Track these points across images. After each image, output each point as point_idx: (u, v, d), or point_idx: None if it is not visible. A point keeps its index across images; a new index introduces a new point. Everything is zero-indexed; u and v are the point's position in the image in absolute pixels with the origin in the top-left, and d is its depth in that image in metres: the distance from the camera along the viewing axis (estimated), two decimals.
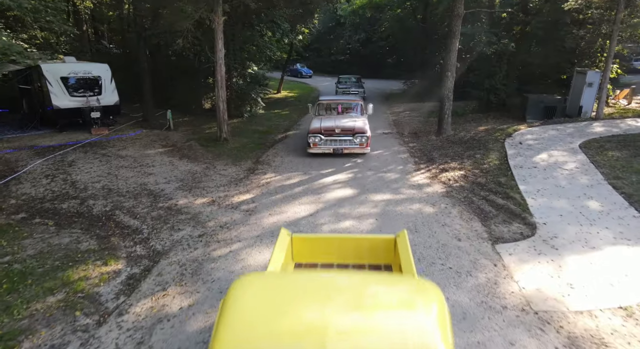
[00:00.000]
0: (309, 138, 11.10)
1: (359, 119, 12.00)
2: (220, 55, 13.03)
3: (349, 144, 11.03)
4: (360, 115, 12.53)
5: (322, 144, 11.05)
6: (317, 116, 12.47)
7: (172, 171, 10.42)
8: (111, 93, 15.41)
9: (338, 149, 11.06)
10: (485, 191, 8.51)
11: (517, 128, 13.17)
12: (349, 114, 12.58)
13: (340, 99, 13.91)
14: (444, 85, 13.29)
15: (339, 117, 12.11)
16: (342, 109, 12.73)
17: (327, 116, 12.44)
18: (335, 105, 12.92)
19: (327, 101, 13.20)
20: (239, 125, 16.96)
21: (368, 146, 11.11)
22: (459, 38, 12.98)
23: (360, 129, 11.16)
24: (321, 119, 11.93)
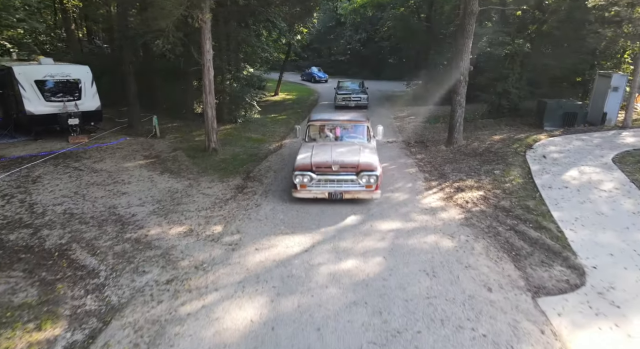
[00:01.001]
0: (294, 177, 7.76)
1: (364, 148, 8.53)
2: (208, 57, 11.69)
3: (351, 186, 7.80)
4: (367, 142, 9.06)
5: (314, 185, 7.81)
6: (306, 142, 9.13)
7: (150, 189, 9.08)
8: (92, 98, 14.08)
9: (336, 193, 7.79)
10: (511, 218, 7.18)
11: (537, 138, 11.82)
12: (351, 139, 9.19)
13: (338, 119, 9.68)
14: (456, 91, 11.96)
15: (337, 146, 8.69)
16: (341, 133, 9.33)
17: (320, 142, 9.06)
18: (331, 127, 9.44)
19: (320, 122, 9.62)
20: (232, 131, 15.63)
21: (378, 188, 7.81)
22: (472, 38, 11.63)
23: (368, 165, 7.78)
24: (312, 148, 8.50)
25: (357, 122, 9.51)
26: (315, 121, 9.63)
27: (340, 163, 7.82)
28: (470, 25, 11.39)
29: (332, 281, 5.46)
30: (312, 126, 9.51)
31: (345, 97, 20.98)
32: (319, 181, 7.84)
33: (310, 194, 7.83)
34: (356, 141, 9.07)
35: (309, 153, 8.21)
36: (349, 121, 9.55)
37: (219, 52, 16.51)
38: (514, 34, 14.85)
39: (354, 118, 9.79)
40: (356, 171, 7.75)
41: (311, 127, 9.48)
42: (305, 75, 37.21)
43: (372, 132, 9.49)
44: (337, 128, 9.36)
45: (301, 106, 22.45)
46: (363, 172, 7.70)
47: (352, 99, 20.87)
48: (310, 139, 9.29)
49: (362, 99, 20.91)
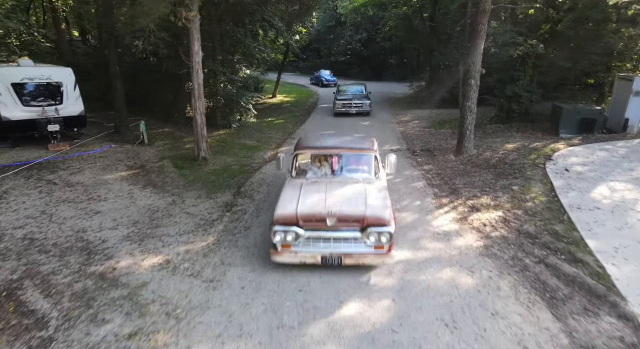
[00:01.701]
0: (273, 234, 5.39)
1: (372, 189, 6.14)
2: (197, 58, 10.69)
3: (354, 246, 5.44)
4: (374, 177, 6.60)
5: (301, 245, 5.47)
6: (293, 177, 6.68)
7: (128, 207, 8.08)
8: (75, 102, 13.06)
9: (332, 257, 5.42)
10: (539, 247, 6.17)
11: (556, 147, 10.81)
12: (353, 174, 6.65)
13: (336, 146, 7.02)
14: (466, 96, 10.95)
15: (334, 186, 6.18)
16: (339, 166, 6.78)
17: (311, 179, 6.55)
18: (327, 156, 6.89)
19: (311, 150, 7.01)
20: (225, 138, 14.64)
21: (391, 249, 5.51)
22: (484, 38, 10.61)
23: (378, 217, 5.40)
24: (300, 189, 6.10)
25: (362, 150, 6.93)
26: (304, 149, 6.98)
27: (338, 214, 5.39)
28: (482, 25, 10.37)
29: (331, 334, 4.46)
30: (300, 155, 6.98)
31: (346, 103, 18.90)
32: (308, 239, 5.44)
33: (296, 258, 5.47)
34: (360, 176, 6.56)
35: (294, 197, 5.80)
36: (350, 148, 6.94)
37: (212, 53, 15.53)
38: (526, 33, 13.83)
39: (356, 144, 7.14)
40: (361, 226, 5.38)
41: (299, 157, 6.97)
42: (314, 79, 34.87)
43: (380, 164, 7.12)
44: (334, 158, 6.79)
45: (299, 109, 21.44)
46: (371, 228, 5.32)
47: (353, 105, 18.80)
48: (298, 173, 6.80)
49: (364, 105, 18.84)
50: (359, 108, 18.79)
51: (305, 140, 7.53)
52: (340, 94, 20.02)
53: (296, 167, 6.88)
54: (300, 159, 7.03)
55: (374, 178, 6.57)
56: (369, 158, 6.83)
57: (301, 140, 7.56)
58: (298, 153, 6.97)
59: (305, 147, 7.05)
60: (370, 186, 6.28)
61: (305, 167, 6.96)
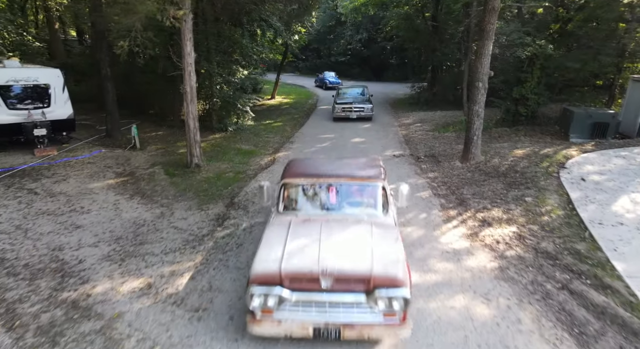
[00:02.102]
0: (250, 297, 4.05)
1: (380, 233, 4.66)
2: (189, 60, 10.08)
3: (356, 314, 4.05)
4: (382, 214, 5.13)
5: (287, 309, 4.10)
6: (279, 213, 5.24)
7: (112, 220, 7.47)
8: (63, 105, 12.46)
9: (328, 329, 4.04)
10: (561, 269, 5.56)
11: (569, 154, 10.19)
12: (355, 209, 5.21)
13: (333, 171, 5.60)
14: (473, 99, 10.33)
15: (331, 229, 4.70)
16: (338, 199, 5.31)
17: (301, 216, 5.08)
18: (322, 187, 5.40)
19: (302, 179, 5.48)
20: (221, 142, 14.02)
21: (405, 319, 4.07)
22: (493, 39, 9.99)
23: (389, 276, 4.03)
24: (286, 232, 4.66)
25: (366, 179, 5.36)
26: (294, 177, 5.45)
27: (336, 273, 3.99)
28: (491, 24, 9.76)
29: None
30: (289, 185, 5.41)
31: (346, 108, 17.55)
32: (296, 302, 4.05)
33: (280, 330, 4.05)
34: (364, 213, 5.07)
35: (278, 245, 4.40)
36: (352, 177, 5.37)
37: (207, 54, 14.91)
38: (534, 34, 13.22)
39: (359, 171, 5.57)
40: (366, 288, 3.99)
41: (288, 187, 5.40)
42: (319, 81, 33.04)
43: (389, 195, 5.41)
44: (331, 190, 5.30)
45: (299, 111, 20.81)
46: (380, 290, 3.92)
47: (353, 109, 17.45)
48: (287, 207, 5.27)
49: (365, 110, 17.48)
50: (360, 113, 17.48)
51: (295, 165, 5.98)
52: (339, 98, 18.67)
53: (284, 201, 5.33)
54: (288, 190, 5.42)
55: (382, 215, 5.09)
56: (374, 189, 5.27)
57: (290, 165, 6.01)
58: (286, 183, 5.42)
59: (296, 175, 5.51)
60: (378, 227, 4.76)
61: (294, 201, 5.39)
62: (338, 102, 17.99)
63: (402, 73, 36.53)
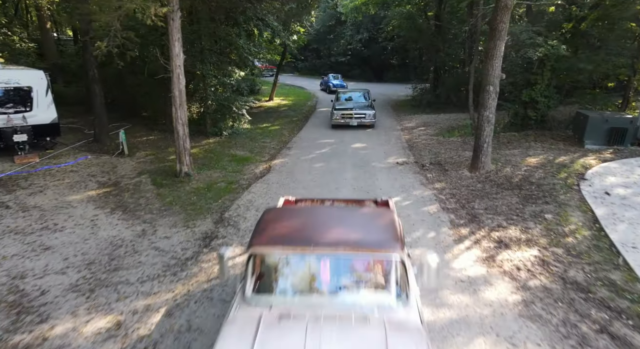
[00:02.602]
0: None
1: (396, 337, 2.97)
2: (178, 62, 9.30)
3: None
4: (398, 303, 3.34)
5: None
6: (243, 303, 3.43)
7: (86, 240, 6.69)
8: (46, 109, 11.68)
9: None
10: (596, 305, 4.78)
11: (587, 163, 9.41)
12: (359, 291, 3.45)
13: (328, 234, 3.65)
14: (483, 104, 9.55)
15: (323, 328, 3.03)
16: (333, 279, 3.52)
17: (278, 306, 3.33)
18: (310, 260, 3.54)
19: (281, 248, 3.56)
20: (215, 147, 13.24)
21: None
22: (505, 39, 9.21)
23: None
24: (253, 336, 2.99)
25: (375, 249, 3.50)
26: (267, 245, 3.61)
27: None
28: (503, 23, 8.97)
29: None
30: (259, 257, 3.63)
31: (346, 114, 15.73)
32: None
33: None
34: (374, 303, 3.34)
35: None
36: (354, 246, 3.47)
37: (200, 55, 14.13)
38: (545, 33, 12.43)
39: (365, 235, 3.67)
40: None
41: (257, 260, 3.62)
42: (323, 84, 30.29)
43: (410, 270, 3.59)
44: (324, 265, 3.54)
45: (297, 114, 20.01)
46: None
47: (354, 116, 15.65)
48: (258, 291, 3.50)
49: (366, 116, 15.72)
50: (361, 119, 15.70)
51: (270, 222, 3.89)
52: (339, 103, 16.84)
53: (252, 281, 3.48)
54: (259, 264, 3.59)
55: (400, 306, 3.31)
56: (388, 265, 3.46)
57: (264, 221, 3.90)
58: (256, 253, 3.55)
59: (270, 241, 3.59)
60: (394, 332, 3.02)
61: (268, 282, 3.60)
62: (337, 108, 16.26)
63: (404, 74, 35.76)
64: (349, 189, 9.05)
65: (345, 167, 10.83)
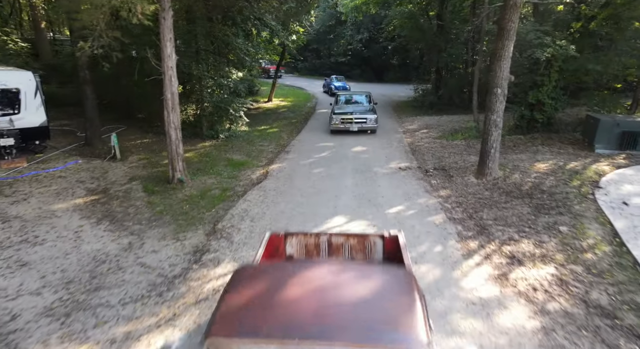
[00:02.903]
0: None
1: None
2: (170, 63, 8.82)
3: None
4: None
5: None
6: None
7: (68, 255, 6.20)
8: (35, 111, 11.18)
9: None
10: (625, 335, 4.29)
11: (600, 169, 8.92)
12: None
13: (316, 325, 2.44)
14: (490, 107, 9.05)
15: None
16: None
17: None
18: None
19: (247, 339, 2.39)
20: (211, 151, 12.74)
21: None
22: (514, 39, 8.71)
23: None
24: None
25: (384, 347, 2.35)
26: (233, 338, 2.44)
27: None
28: (512, 22, 8.48)
29: None
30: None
31: (345, 119, 14.60)
32: None
33: None
34: None
35: None
36: (354, 344, 2.36)
37: (196, 55, 13.64)
38: (553, 33, 11.93)
39: (374, 321, 2.50)
40: None
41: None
42: (326, 86, 28.67)
43: None
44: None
45: (296, 115, 19.52)
46: None
47: (354, 120, 14.55)
48: None
49: (368, 121, 14.59)
50: (362, 124, 14.64)
51: (238, 294, 2.84)
52: (338, 106, 15.75)
53: None
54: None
55: None
56: None
57: (230, 294, 2.84)
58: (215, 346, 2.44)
59: (236, 331, 2.49)
60: None
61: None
62: (336, 112, 15.07)
63: (404, 74, 35.29)
64: (350, 197, 8.57)
65: (345, 172, 10.35)
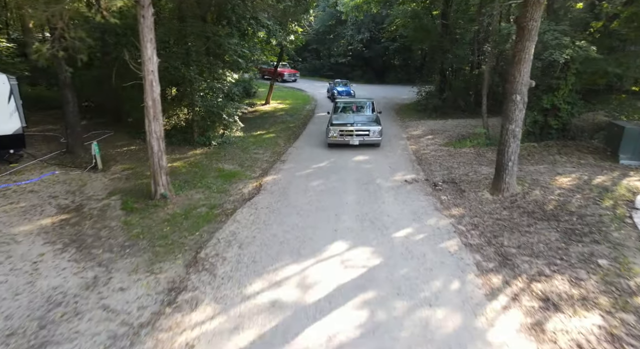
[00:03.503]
0: None
1: None
2: (151, 67, 7.84)
3: None
4: None
5: None
6: None
7: (17, 296, 5.20)
8: (8, 118, 10.23)
9: None
10: None
11: (632, 185, 7.92)
12: None
13: None
14: (508, 116, 8.05)
15: None
16: None
17: None
18: None
19: None
20: (201, 159, 11.74)
21: None
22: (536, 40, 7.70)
23: None
24: None
25: None
26: None
27: None
28: (534, 22, 7.48)
29: None
30: None
31: (345, 131, 12.25)
32: None
33: None
34: None
35: None
36: None
37: (186, 56, 12.63)
38: (571, 33, 10.93)
39: None
40: None
41: None
42: (330, 91, 25.17)
43: None
44: None
45: (294, 119, 18.51)
46: None
47: (355, 132, 12.22)
48: None
49: (371, 133, 12.25)
50: (364, 138, 12.27)
51: None
52: (337, 115, 13.30)
53: None
54: None
55: None
56: None
57: None
58: None
59: None
60: None
61: None
62: (334, 123, 12.63)
63: (406, 75, 34.28)
64: (351, 217, 7.57)
65: (346, 186, 9.35)
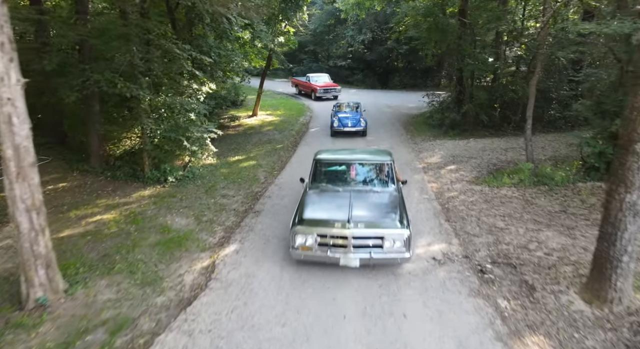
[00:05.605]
0: None
1: None
2: (6, 92, 4.40)
3: None
4: None
5: None
6: None
7: None
8: None
9: None
10: None
11: None
12: None
13: None
14: (624, 178, 4.56)
15: None
16: None
17: None
18: None
19: None
20: (146, 208, 8.32)
21: None
22: None
23: None
24: None
25: None
26: None
27: None
28: None
29: None
30: None
31: (329, 236, 5.56)
32: None
33: None
34: None
35: None
36: None
37: (130, 68, 9.15)
38: None
39: None
40: None
41: None
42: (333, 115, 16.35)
43: None
44: None
45: (284, 137, 15.02)
46: None
47: (352, 242, 5.44)
48: None
49: (387, 244, 5.45)
50: (372, 253, 5.50)
51: None
52: (315, 193, 6.75)
53: None
54: None
55: None
56: None
57: None
58: None
59: None
60: None
61: None
62: (306, 218, 5.85)
63: (411, 79, 30.81)
64: None
65: (345, 274, 5.86)
